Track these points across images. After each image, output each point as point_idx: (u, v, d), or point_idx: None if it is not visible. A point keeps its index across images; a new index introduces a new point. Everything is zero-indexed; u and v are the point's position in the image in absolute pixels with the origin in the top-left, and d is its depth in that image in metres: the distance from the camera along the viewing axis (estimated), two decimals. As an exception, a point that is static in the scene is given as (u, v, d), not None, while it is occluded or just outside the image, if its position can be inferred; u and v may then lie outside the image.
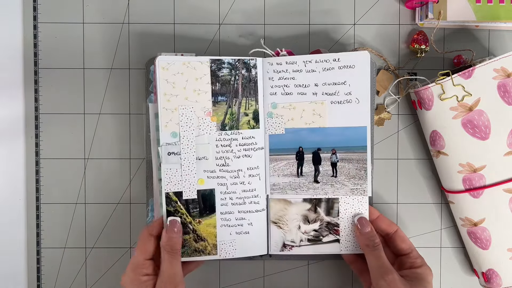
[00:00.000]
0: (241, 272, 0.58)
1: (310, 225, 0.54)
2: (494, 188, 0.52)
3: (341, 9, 0.57)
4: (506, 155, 0.51)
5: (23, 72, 0.57)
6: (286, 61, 0.52)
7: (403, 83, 0.57)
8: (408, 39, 0.57)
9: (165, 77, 0.50)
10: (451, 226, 0.58)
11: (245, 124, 0.52)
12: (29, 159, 0.57)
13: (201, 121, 0.51)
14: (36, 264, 0.57)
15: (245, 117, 0.52)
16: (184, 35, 0.56)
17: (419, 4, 0.55)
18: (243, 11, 0.57)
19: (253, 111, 0.52)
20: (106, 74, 0.57)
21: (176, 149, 0.50)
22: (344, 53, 0.52)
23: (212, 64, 0.51)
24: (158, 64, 0.49)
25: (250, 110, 0.52)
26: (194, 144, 0.51)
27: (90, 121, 0.57)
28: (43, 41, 0.56)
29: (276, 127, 0.53)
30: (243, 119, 0.52)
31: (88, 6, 0.56)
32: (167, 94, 0.50)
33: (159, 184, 0.52)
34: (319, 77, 0.52)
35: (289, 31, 0.57)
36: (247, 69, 0.52)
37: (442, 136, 0.52)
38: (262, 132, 0.53)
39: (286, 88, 0.52)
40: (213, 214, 0.52)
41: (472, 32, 0.56)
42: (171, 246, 0.48)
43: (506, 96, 0.50)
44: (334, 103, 0.52)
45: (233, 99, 0.52)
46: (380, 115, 0.57)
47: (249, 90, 0.52)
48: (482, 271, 0.55)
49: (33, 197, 0.57)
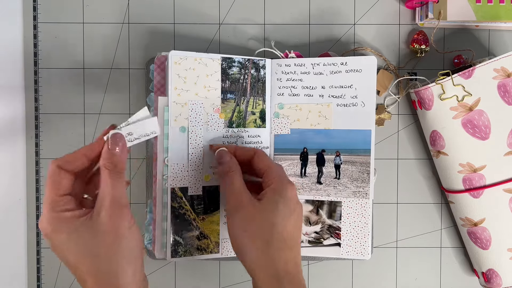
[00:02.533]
0: (241, 272, 0.58)
1: (312, 227, 0.54)
2: (494, 188, 0.52)
3: (341, 9, 0.57)
4: (506, 155, 0.51)
5: (23, 72, 0.57)
6: (295, 63, 0.53)
7: (403, 83, 0.57)
8: (408, 39, 0.57)
9: (177, 71, 0.50)
10: (451, 226, 0.58)
11: (251, 122, 0.52)
12: (29, 159, 0.57)
13: (210, 117, 0.51)
14: (36, 264, 0.57)
15: (252, 115, 0.53)
16: (184, 35, 0.56)
17: (419, 4, 0.55)
18: (243, 11, 0.57)
19: (260, 110, 0.53)
20: (106, 74, 0.57)
21: (184, 144, 0.50)
22: (351, 57, 0.52)
23: (223, 62, 0.51)
24: (171, 58, 0.49)
25: (257, 109, 0.53)
26: (202, 140, 0.51)
27: (90, 121, 0.57)
28: (43, 41, 0.56)
29: (282, 127, 0.53)
30: (250, 118, 0.52)
31: (88, 6, 0.56)
32: (178, 89, 0.50)
33: (163, 181, 0.51)
34: (326, 80, 0.53)
35: (289, 31, 0.57)
36: (256, 69, 0.52)
37: (442, 136, 0.52)
38: (267, 132, 0.53)
39: (294, 89, 0.53)
40: (217, 211, 0.52)
41: (472, 32, 0.56)
42: (113, 165, 0.40)
43: (506, 96, 0.50)
44: (340, 106, 0.52)
45: (241, 97, 0.52)
46: (380, 115, 0.57)
47: (257, 89, 0.53)
48: (482, 271, 0.55)
49: (33, 197, 0.57)
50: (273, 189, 0.45)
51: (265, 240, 0.43)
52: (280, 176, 0.46)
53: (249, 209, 0.44)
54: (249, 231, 0.43)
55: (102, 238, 0.38)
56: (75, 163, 0.41)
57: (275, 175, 0.46)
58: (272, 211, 0.43)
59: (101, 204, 0.38)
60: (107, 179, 0.39)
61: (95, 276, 0.38)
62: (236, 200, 0.45)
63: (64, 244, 0.38)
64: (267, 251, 0.42)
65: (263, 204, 0.44)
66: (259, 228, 0.43)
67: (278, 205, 0.44)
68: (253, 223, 0.43)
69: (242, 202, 0.44)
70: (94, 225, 0.38)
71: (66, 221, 0.38)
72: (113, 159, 0.40)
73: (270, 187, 0.45)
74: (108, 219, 0.38)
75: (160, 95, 0.51)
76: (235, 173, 0.46)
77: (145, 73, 0.56)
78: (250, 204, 0.44)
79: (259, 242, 0.43)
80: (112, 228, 0.38)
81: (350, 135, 0.52)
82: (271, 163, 0.47)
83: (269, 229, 0.43)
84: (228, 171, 0.46)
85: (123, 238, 0.38)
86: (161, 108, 0.50)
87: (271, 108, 0.54)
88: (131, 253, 0.39)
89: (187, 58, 0.50)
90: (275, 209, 0.43)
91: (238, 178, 0.46)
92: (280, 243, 0.43)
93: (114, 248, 0.38)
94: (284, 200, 0.44)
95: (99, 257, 0.38)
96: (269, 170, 0.46)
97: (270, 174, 0.46)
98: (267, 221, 0.43)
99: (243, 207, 0.44)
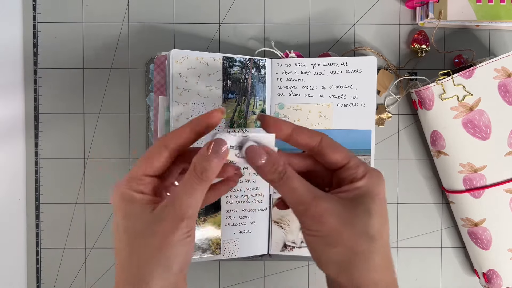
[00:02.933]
0: (241, 273, 0.58)
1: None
2: (495, 188, 0.51)
3: (341, 9, 0.56)
4: (507, 155, 0.51)
5: (23, 72, 0.57)
6: (295, 63, 0.53)
7: (404, 82, 0.56)
8: (409, 39, 0.57)
9: (178, 70, 0.50)
10: (451, 226, 0.58)
11: (252, 122, 0.52)
12: (29, 159, 0.57)
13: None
14: (36, 264, 0.57)
15: (253, 115, 0.53)
16: (184, 34, 0.56)
17: (419, 3, 0.55)
18: (243, 11, 0.56)
19: (260, 110, 0.53)
20: (105, 74, 0.56)
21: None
22: (352, 58, 0.52)
23: (224, 61, 0.51)
24: (172, 57, 0.49)
25: (258, 109, 0.53)
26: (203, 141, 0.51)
27: (89, 121, 0.57)
28: (43, 41, 0.56)
29: None
30: (250, 118, 0.52)
31: (87, 5, 0.56)
32: (179, 88, 0.50)
33: None
34: (327, 80, 0.52)
35: (289, 31, 0.56)
36: (256, 68, 0.52)
37: (442, 136, 0.52)
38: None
39: (294, 89, 0.53)
40: (218, 213, 0.52)
41: (473, 32, 0.56)
42: (201, 169, 0.34)
43: (506, 96, 0.50)
44: (340, 106, 0.52)
45: (242, 97, 0.52)
46: (381, 115, 0.57)
47: (258, 89, 0.53)
48: (482, 272, 0.55)
49: (32, 197, 0.57)
50: (362, 187, 0.34)
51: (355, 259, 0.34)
52: (367, 168, 0.35)
53: (330, 223, 0.33)
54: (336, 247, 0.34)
55: (149, 237, 0.34)
56: (179, 138, 0.36)
57: (362, 169, 0.35)
58: (364, 223, 0.34)
59: (169, 202, 0.34)
60: (188, 180, 0.34)
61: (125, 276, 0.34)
62: (306, 210, 0.34)
63: (116, 223, 0.35)
64: (363, 273, 0.34)
65: (352, 209, 0.34)
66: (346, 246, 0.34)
67: (371, 211, 0.34)
68: (340, 239, 0.33)
69: (322, 213, 0.33)
70: (151, 219, 0.34)
71: (131, 202, 0.34)
72: (204, 164, 0.34)
73: (357, 184, 0.35)
74: (166, 221, 0.34)
75: (160, 95, 0.50)
76: (289, 175, 0.35)
77: (145, 73, 0.56)
78: (331, 214, 0.33)
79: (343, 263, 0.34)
80: (164, 231, 0.33)
81: (350, 135, 0.52)
82: (348, 152, 0.36)
83: (364, 243, 0.34)
84: (278, 178, 0.35)
85: (172, 246, 0.34)
86: (161, 108, 0.50)
87: (271, 108, 0.53)
88: (173, 265, 0.34)
89: (189, 57, 0.50)
90: (369, 218, 0.34)
91: (297, 183, 0.34)
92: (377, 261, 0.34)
93: (155, 253, 0.34)
94: (377, 201, 0.34)
95: (136, 256, 0.34)
96: (353, 161, 0.35)
97: (353, 166, 0.35)
98: (359, 234, 0.33)
99: (324, 219, 0.33)
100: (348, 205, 0.34)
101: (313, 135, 0.36)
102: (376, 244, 0.34)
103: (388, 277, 0.35)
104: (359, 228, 0.33)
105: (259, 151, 0.35)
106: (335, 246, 0.33)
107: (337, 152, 0.36)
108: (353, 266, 0.34)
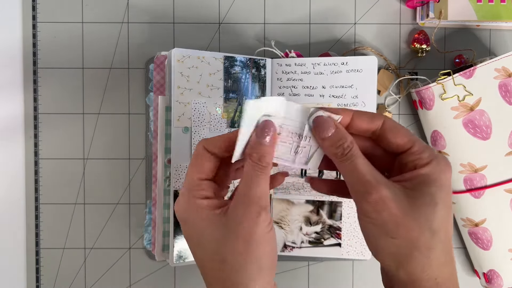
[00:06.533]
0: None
1: (312, 227, 0.53)
2: (495, 188, 0.51)
3: (341, 9, 0.56)
4: (507, 155, 0.51)
5: (22, 71, 0.56)
6: (295, 62, 0.53)
7: (404, 82, 0.56)
8: (409, 39, 0.57)
9: (180, 70, 0.49)
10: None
11: None
12: (28, 159, 0.57)
13: (212, 117, 0.51)
14: (35, 264, 0.57)
15: None
16: (184, 34, 0.56)
17: (420, 3, 0.55)
18: (243, 11, 0.56)
19: None
20: (105, 74, 0.56)
21: (187, 145, 0.50)
22: (352, 57, 0.52)
23: (226, 61, 0.51)
24: (174, 56, 0.49)
25: None
26: None
27: (89, 121, 0.56)
28: (42, 41, 0.56)
29: None
30: None
31: (87, 5, 0.56)
32: (181, 87, 0.49)
33: (164, 182, 0.50)
34: (327, 80, 0.52)
35: (289, 31, 0.56)
36: (257, 68, 0.52)
37: (443, 136, 0.52)
38: None
39: (294, 89, 0.53)
40: None
41: (473, 32, 0.56)
42: (259, 156, 0.33)
43: (507, 96, 0.50)
44: (341, 106, 0.52)
45: (243, 96, 0.52)
46: (381, 115, 0.56)
47: (258, 89, 0.53)
48: (483, 272, 0.55)
49: (32, 197, 0.57)
50: (426, 175, 0.32)
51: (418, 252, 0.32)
52: (432, 154, 0.33)
53: (391, 212, 0.31)
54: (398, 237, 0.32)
55: (233, 242, 0.33)
56: (219, 145, 0.35)
57: (428, 153, 0.33)
58: (428, 214, 0.32)
59: (238, 200, 0.33)
60: (249, 172, 0.33)
61: (222, 285, 0.33)
62: (366, 192, 0.32)
63: (195, 237, 0.34)
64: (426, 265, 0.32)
65: (416, 199, 0.32)
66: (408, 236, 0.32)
67: (436, 201, 0.31)
68: (401, 226, 0.32)
69: (383, 200, 0.31)
70: (228, 223, 0.33)
71: (201, 211, 0.34)
72: (260, 150, 0.33)
73: (421, 171, 0.32)
74: (244, 220, 0.32)
75: (159, 94, 0.50)
76: (353, 153, 0.33)
77: (145, 72, 0.56)
78: (393, 201, 0.31)
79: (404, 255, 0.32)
80: (246, 231, 0.32)
81: (350, 135, 0.52)
82: (412, 136, 0.34)
83: (426, 237, 0.32)
84: (341, 153, 0.33)
85: (258, 244, 0.33)
86: (161, 108, 0.50)
87: (271, 108, 0.53)
88: (265, 263, 0.33)
89: (190, 56, 0.50)
90: (433, 209, 0.31)
91: (361, 164, 0.33)
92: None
93: (246, 256, 0.32)
94: (443, 189, 0.32)
95: (227, 264, 0.33)
96: (417, 146, 0.33)
97: (417, 151, 0.33)
98: (421, 226, 0.31)
99: (384, 206, 0.31)
100: (411, 193, 0.32)
101: (375, 118, 0.34)
102: (439, 237, 0.31)
103: (448, 273, 0.33)
104: (422, 220, 0.31)
105: (329, 122, 0.33)
106: (394, 237, 0.31)
107: (400, 135, 0.34)
108: (412, 259, 0.32)
